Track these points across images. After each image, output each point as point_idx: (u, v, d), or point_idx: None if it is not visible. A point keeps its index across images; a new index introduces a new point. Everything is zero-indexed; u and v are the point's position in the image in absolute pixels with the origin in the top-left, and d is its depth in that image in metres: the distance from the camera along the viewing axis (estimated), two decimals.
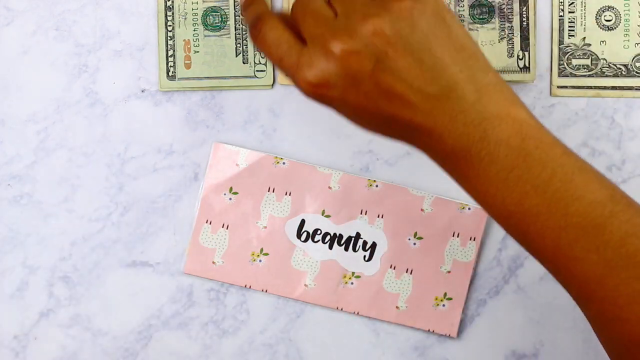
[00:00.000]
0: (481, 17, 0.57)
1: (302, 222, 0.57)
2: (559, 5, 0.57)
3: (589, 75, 0.57)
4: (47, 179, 0.58)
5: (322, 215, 0.57)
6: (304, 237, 0.57)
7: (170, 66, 0.58)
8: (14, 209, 0.58)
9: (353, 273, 0.57)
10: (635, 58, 0.57)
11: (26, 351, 0.58)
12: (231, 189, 0.57)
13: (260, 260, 0.57)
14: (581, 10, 0.57)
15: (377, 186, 0.57)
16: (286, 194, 0.57)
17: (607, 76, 0.57)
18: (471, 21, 0.57)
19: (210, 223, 0.57)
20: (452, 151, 0.41)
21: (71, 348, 0.58)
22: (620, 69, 0.57)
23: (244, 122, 0.58)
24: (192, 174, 0.58)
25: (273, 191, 0.57)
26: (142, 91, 0.58)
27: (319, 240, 0.57)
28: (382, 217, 0.57)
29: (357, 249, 0.57)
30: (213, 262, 0.57)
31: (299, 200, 0.57)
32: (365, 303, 0.57)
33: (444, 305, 0.56)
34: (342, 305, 0.57)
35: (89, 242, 0.58)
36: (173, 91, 0.58)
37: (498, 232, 0.57)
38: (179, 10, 0.58)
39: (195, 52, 0.58)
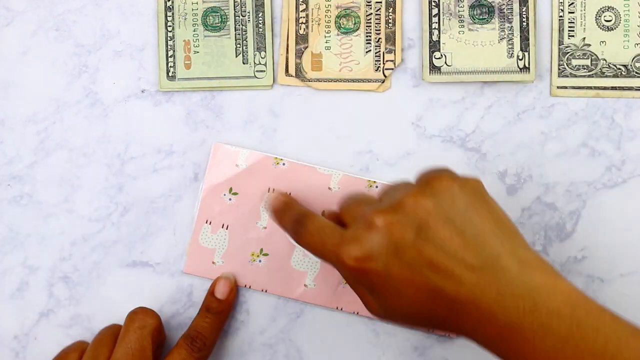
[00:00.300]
0: (481, 17, 0.57)
1: None
2: (559, 6, 0.57)
3: (589, 76, 0.57)
4: (47, 179, 0.58)
5: (322, 216, 0.57)
6: None
7: (170, 66, 0.58)
8: (14, 209, 0.58)
9: None
10: (635, 58, 0.57)
11: (26, 351, 0.58)
12: (231, 189, 0.57)
13: (260, 261, 0.57)
14: (581, 10, 0.57)
15: (377, 187, 0.57)
16: None
17: (607, 76, 0.57)
18: (471, 21, 0.57)
19: (210, 223, 0.57)
20: (504, 326, 0.41)
21: None
22: (620, 69, 0.57)
23: (244, 123, 0.58)
24: (192, 174, 0.58)
25: (273, 192, 0.57)
26: (142, 91, 0.58)
27: None
28: None
29: None
30: (213, 262, 0.57)
31: (299, 201, 0.57)
32: None
33: None
34: (342, 306, 0.57)
35: (89, 242, 0.58)
36: (173, 91, 0.58)
37: None
38: (179, 10, 0.58)
39: (195, 52, 0.58)
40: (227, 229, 0.57)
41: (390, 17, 0.58)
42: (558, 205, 0.57)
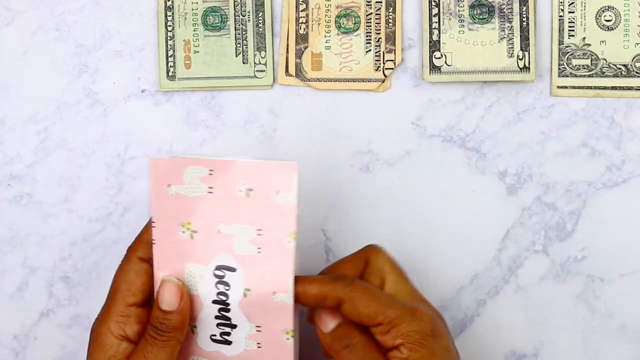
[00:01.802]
0: (481, 17, 0.57)
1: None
2: (559, 6, 0.57)
3: (589, 76, 0.57)
4: (47, 179, 0.58)
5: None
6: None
7: (170, 66, 0.58)
8: (14, 209, 0.58)
9: None
10: (635, 58, 0.57)
11: (26, 351, 0.58)
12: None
13: (184, 232, 0.46)
14: (581, 10, 0.57)
15: None
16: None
17: (607, 76, 0.57)
18: (471, 21, 0.57)
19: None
20: None
21: (71, 348, 0.58)
22: (620, 69, 0.57)
23: (244, 122, 0.58)
24: None
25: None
26: (142, 91, 0.58)
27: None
28: None
29: None
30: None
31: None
32: None
33: None
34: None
35: (89, 242, 0.58)
36: (173, 91, 0.58)
37: (498, 232, 0.57)
38: (179, 10, 0.58)
39: (195, 52, 0.58)
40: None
41: (390, 16, 0.58)
42: (558, 205, 0.57)
